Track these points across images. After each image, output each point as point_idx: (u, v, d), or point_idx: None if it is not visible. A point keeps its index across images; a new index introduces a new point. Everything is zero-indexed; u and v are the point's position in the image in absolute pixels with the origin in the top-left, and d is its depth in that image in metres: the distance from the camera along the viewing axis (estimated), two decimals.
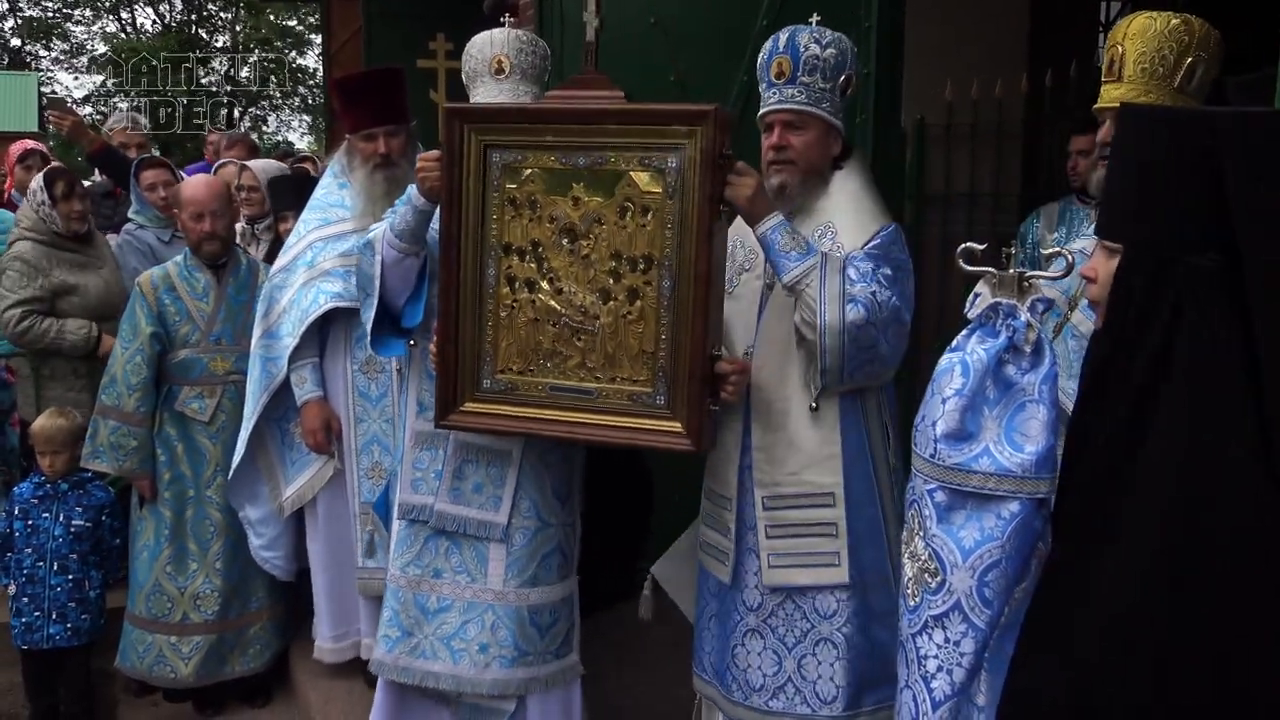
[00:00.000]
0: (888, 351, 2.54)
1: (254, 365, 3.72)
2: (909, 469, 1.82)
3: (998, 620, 1.62)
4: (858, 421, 2.66)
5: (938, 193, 4.49)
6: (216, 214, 3.93)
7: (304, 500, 3.80)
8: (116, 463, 3.91)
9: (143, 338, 3.88)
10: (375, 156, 3.52)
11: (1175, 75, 2.42)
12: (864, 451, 2.66)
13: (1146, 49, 2.43)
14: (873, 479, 2.68)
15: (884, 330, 2.50)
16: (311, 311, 3.57)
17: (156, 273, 4.00)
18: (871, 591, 2.63)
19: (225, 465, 3.92)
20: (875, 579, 2.64)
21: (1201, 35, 2.41)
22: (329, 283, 3.58)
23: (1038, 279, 1.68)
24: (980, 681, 1.64)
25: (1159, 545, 1.43)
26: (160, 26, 34.97)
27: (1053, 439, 1.60)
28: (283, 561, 3.97)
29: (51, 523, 3.95)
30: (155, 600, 3.97)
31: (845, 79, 2.68)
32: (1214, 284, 1.43)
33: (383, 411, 3.67)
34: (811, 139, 2.65)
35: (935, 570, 1.65)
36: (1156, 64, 2.42)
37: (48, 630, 3.92)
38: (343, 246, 3.59)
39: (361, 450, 3.70)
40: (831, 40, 2.66)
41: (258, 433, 3.77)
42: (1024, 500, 1.60)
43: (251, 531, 3.93)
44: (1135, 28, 2.44)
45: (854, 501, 2.63)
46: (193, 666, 3.97)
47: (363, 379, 3.68)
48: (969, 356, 1.66)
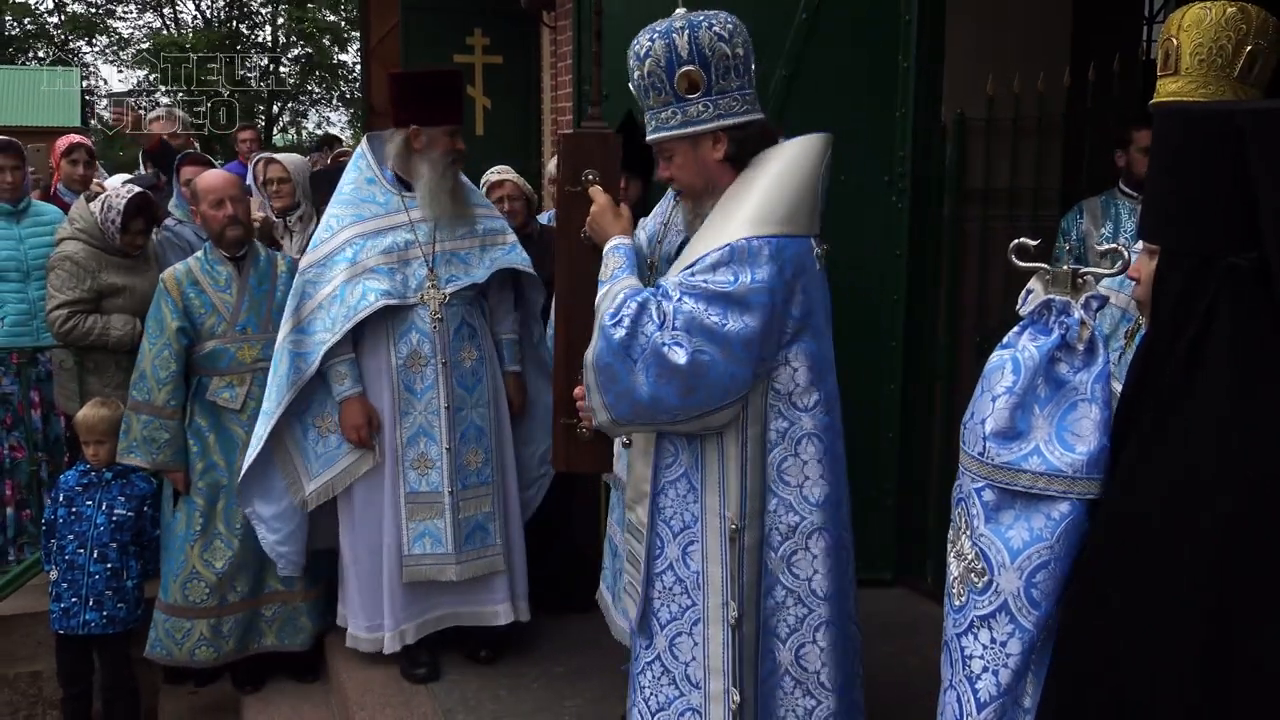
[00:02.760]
0: (648, 394, 2.28)
1: (281, 360, 3.73)
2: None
3: (1046, 622, 1.59)
4: (685, 471, 2.45)
5: (977, 188, 4.44)
6: (235, 199, 4.00)
7: (333, 493, 3.83)
8: (150, 457, 3.97)
9: (169, 332, 3.93)
10: (454, 151, 3.64)
11: (1234, 65, 2.38)
12: (683, 504, 2.45)
13: (1203, 40, 2.39)
14: (674, 536, 2.47)
15: (637, 368, 2.28)
16: (360, 309, 3.60)
17: (179, 268, 4.06)
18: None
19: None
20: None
21: (1260, 23, 2.37)
22: (375, 280, 3.63)
23: (1091, 275, 1.66)
24: (1027, 684, 1.62)
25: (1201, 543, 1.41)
26: (201, 22, 35.29)
27: (1106, 439, 1.57)
28: (296, 556, 4.00)
29: (94, 511, 4.02)
30: (192, 588, 4.03)
31: (682, 76, 2.35)
32: (1251, 283, 1.41)
33: (428, 404, 3.71)
34: (680, 163, 2.48)
35: (982, 570, 1.62)
36: (1214, 55, 2.38)
37: (84, 616, 3.99)
38: (384, 243, 3.66)
39: (408, 443, 3.73)
40: (648, 48, 2.38)
41: (273, 428, 3.75)
42: (1075, 501, 1.57)
43: (264, 527, 3.93)
44: (1190, 19, 2.40)
45: (652, 554, 2.51)
46: (233, 642, 4.08)
47: (407, 373, 3.71)
48: (1020, 354, 1.63)
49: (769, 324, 2.30)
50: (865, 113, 4.27)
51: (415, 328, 3.70)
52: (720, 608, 2.42)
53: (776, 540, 2.42)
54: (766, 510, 2.42)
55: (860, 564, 4.41)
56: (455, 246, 3.74)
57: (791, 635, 2.44)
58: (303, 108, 36.49)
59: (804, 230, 2.37)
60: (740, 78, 2.40)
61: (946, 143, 4.40)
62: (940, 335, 4.47)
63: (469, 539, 3.76)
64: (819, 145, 2.42)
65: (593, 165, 2.63)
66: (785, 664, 2.44)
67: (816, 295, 2.42)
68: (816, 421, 2.41)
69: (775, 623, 2.44)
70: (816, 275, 2.41)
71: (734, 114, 2.40)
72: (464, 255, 3.74)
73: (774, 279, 2.28)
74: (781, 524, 2.41)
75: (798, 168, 2.38)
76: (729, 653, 2.42)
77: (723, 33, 2.35)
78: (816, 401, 2.41)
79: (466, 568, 3.75)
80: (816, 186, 2.39)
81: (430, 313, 3.69)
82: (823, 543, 2.43)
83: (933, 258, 4.43)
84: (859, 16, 4.23)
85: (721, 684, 2.43)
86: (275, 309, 3.99)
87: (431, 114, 3.63)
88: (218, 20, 35.26)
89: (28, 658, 4.66)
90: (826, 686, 2.44)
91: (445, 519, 3.71)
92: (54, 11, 35.07)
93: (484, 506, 3.80)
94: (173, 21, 35.83)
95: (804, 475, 2.42)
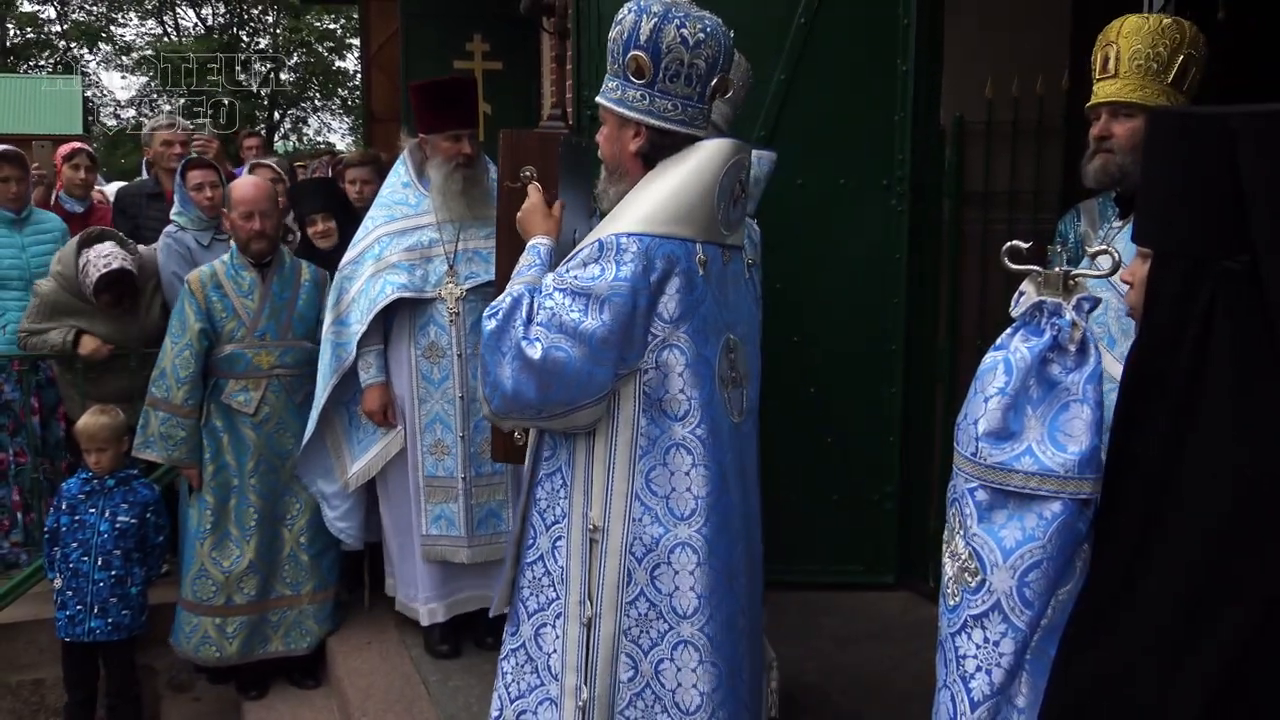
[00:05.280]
0: (511, 387, 2.29)
1: (324, 350, 3.98)
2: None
3: (1038, 621, 1.60)
4: (560, 467, 2.45)
5: (977, 191, 4.44)
6: (265, 214, 4.09)
7: (369, 475, 4.06)
8: (166, 452, 4.06)
9: (191, 333, 4.00)
10: (459, 156, 3.81)
11: (1169, 71, 2.58)
12: (555, 498, 2.46)
13: (1141, 46, 2.59)
14: (546, 528, 2.47)
15: (505, 361, 2.29)
16: (379, 301, 3.82)
17: (205, 271, 4.12)
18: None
19: (267, 456, 4.15)
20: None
21: (1192, 35, 2.59)
22: (395, 275, 3.84)
23: (1083, 277, 1.66)
24: (1021, 683, 1.62)
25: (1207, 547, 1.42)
26: (202, 29, 35.37)
27: (1097, 439, 1.58)
28: (356, 531, 4.22)
29: (97, 518, 4.04)
30: (200, 584, 4.11)
31: (632, 58, 2.33)
32: (1245, 285, 1.42)
33: (444, 393, 3.90)
34: (605, 134, 2.47)
35: (975, 570, 1.63)
36: (1150, 61, 2.58)
37: (89, 624, 4.02)
38: (408, 241, 3.89)
39: (425, 429, 3.94)
40: (622, 17, 2.36)
41: (325, 414, 4.04)
42: (1067, 501, 1.57)
43: (326, 504, 4.17)
44: (1129, 27, 2.62)
45: (524, 543, 2.54)
46: (236, 645, 4.13)
47: (425, 363, 3.90)
48: (1012, 355, 1.64)
49: (628, 323, 2.26)
50: (864, 116, 4.28)
51: (434, 321, 3.89)
52: (578, 604, 2.42)
53: (640, 551, 2.36)
54: (632, 518, 2.36)
55: (862, 567, 4.50)
56: (478, 245, 3.89)
57: (653, 649, 2.38)
58: (304, 114, 36.55)
59: (691, 234, 2.32)
60: (689, 87, 2.35)
61: (945, 146, 4.40)
62: (940, 338, 4.48)
63: (481, 524, 3.93)
64: (723, 151, 2.36)
65: (531, 163, 2.71)
66: (647, 676, 2.40)
67: (704, 302, 2.34)
68: (689, 432, 2.33)
69: (639, 633, 2.38)
70: (701, 281, 2.33)
71: (664, 117, 2.36)
72: (485, 254, 3.84)
73: (637, 278, 2.25)
74: (646, 534, 2.35)
75: (693, 172, 2.33)
76: (581, 650, 2.42)
77: (689, 37, 2.29)
78: (689, 410, 2.33)
79: (478, 551, 3.94)
80: (713, 192, 2.33)
81: (448, 307, 3.86)
82: (688, 559, 2.34)
83: (932, 260, 4.44)
84: (857, 20, 4.24)
85: (575, 679, 2.43)
86: (296, 317, 4.17)
87: (433, 122, 3.84)
88: (218, 28, 35.35)
89: (30, 665, 4.66)
90: (681, 708, 2.37)
91: (459, 503, 3.90)
92: (57, 19, 35.18)
93: (497, 495, 3.95)
94: (173, 28, 35.93)
95: (671, 486, 2.34)
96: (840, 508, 4.47)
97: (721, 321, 2.41)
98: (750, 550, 2.53)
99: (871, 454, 4.44)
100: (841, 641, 4.04)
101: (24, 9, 34.77)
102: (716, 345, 2.38)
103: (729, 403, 2.42)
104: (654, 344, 2.31)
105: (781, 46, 4.23)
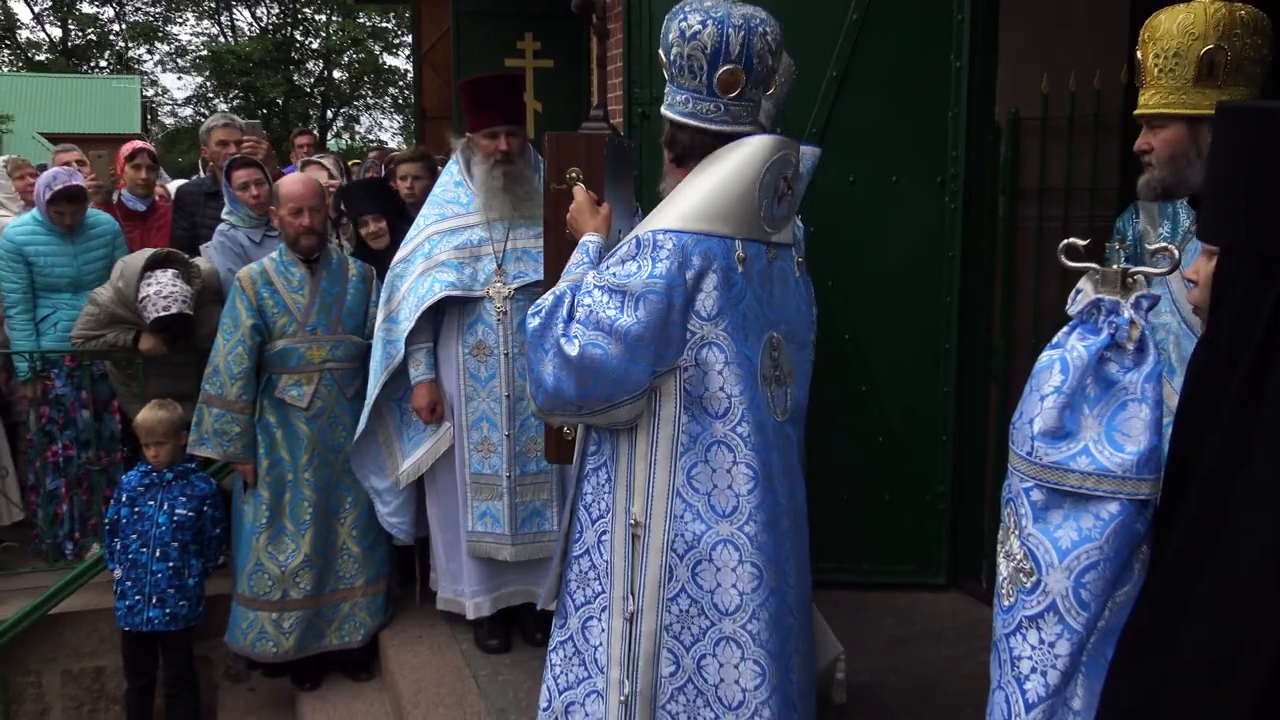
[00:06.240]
0: (552, 384, 2.32)
1: (376, 347, 4.03)
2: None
3: (1095, 623, 1.58)
4: (605, 461, 2.47)
5: (1032, 187, 4.39)
6: (314, 210, 4.13)
7: (420, 472, 4.10)
8: (221, 448, 4.11)
9: (243, 329, 4.05)
10: (496, 153, 3.82)
11: (1194, 70, 2.38)
12: (601, 492, 2.48)
13: (1164, 49, 2.40)
14: (592, 522, 2.50)
15: (547, 358, 2.32)
16: (426, 299, 3.85)
17: (254, 268, 4.17)
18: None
19: (320, 450, 4.20)
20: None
21: (1217, 23, 2.35)
22: (443, 273, 3.86)
23: (1141, 274, 1.64)
24: (1077, 685, 1.60)
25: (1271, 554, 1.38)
26: (257, 30, 35.86)
27: (1156, 439, 1.56)
28: (407, 526, 4.28)
29: (156, 510, 4.11)
30: (257, 579, 4.16)
31: (673, 57, 2.35)
32: None
33: (491, 391, 3.92)
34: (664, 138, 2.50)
35: (1030, 570, 1.61)
36: (1171, 63, 2.39)
37: (147, 614, 4.09)
38: (458, 240, 3.90)
39: (471, 426, 3.96)
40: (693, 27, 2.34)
41: (378, 411, 4.10)
42: (1124, 501, 1.55)
43: (378, 500, 4.22)
44: (1154, 28, 2.44)
45: (571, 537, 2.57)
46: (293, 640, 4.19)
47: (473, 362, 3.92)
48: (1069, 354, 1.62)
49: (663, 320, 2.25)
50: (917, 113, 4.24)
51: (482, 319, 3.91)
52: (622, 599, 2.43)
53: (681, 547, 2.36)
54: (673, 514, 2.36)
55: (913, 567, 4.47)
56: (527, 245, 3.90)
57: (695, 644, 2.39)
58: (355, 113, 36.93)
59: (730, 231, 2.30)
60: (694, 79, 2.34)
61: (1000, 142, 4.35)
62: (995, 337, 4.43)
63: (525, 523, 3.95)
64: (765, 148, 2.34)
65: (577, 164, 2.75)
66: (690, 671, 2.41)
67: (743, 299, 2.33)
68: (730, 429, 2.32)
69: (680, 628, 2.39)
70: (741, 278, 2.32)
71: (679, 111, 2.39)
72: (534, 253, 3.85)
73: (672, 275, 2.24)
74: (687, 531, 2.35)
75: (733, 168, 2.32)
76: (624, 644, 2.43)
77: (686, 29, 2.30)
78: (729, 408, 2.32)
79: (521, 550, 3.96)
80: (754, 188, 2.32)
81: (496, 306, 3.87)
82: (729, 556, 2.34)
83: (986, 258, 4.39)
84: (911, 15, 4.20)
85: (618, 673, 2.44)
86: (345, 312, 4.22)
87: (475, 120, 3.87)
88: (272, 27, 35.81)
89: (91, 653, 4.77)
90: (724, 703, 2.37)
91: (503, 501, 3.92)
92: (115, 19, 35.85)
93: (541, 494, 3.96)
94: (229, 29, 36.47)
95: (713, 483, 2.35)
96: (892, 507, 4.44)
97: (764, 319, 2.40)
98: (798, 549, 2.52)
99: (924, 453, 4.41)
100: (893, 642, 4.01)
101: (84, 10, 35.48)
102: (758, 343, 2.38)
103: (771, 401, 2.41)
104: (693, 341, 2.31)
105: (834, 42, 4.20)
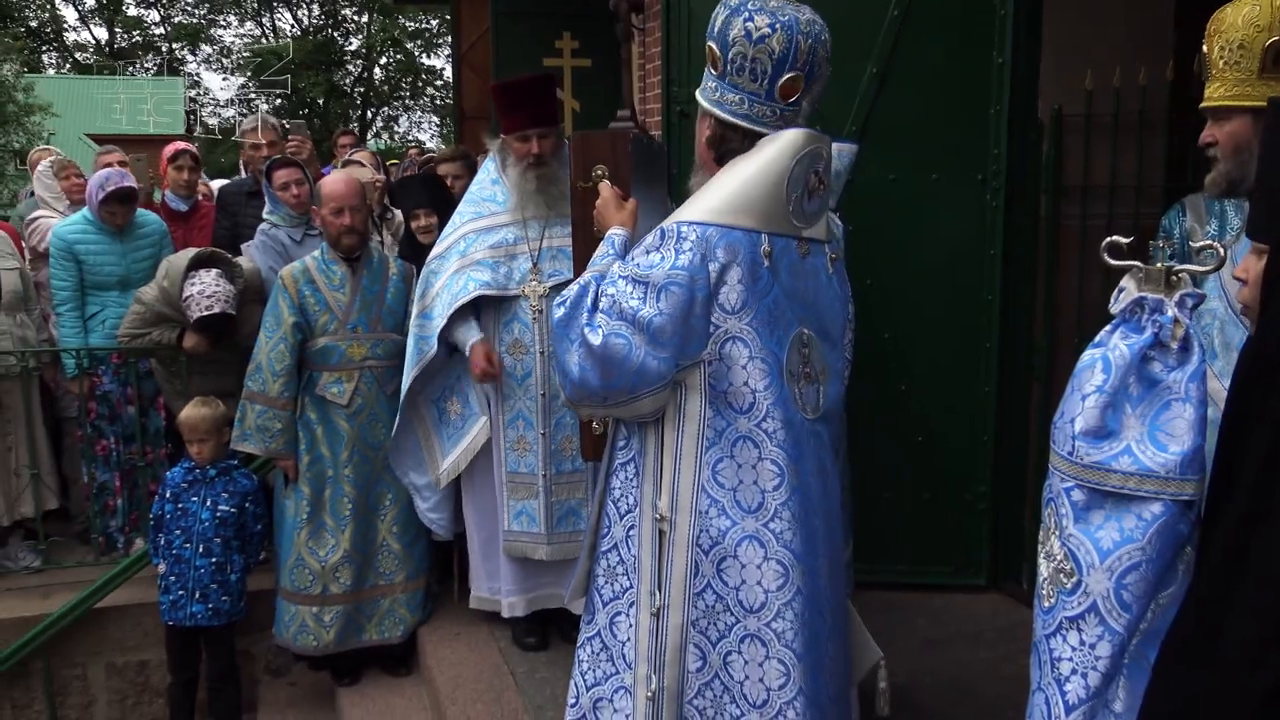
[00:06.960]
0: (577, 375, 2.31)
1: (410, 342, 4.05)
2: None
3: (1137, 625, 1.55)
4: (633, 456, 2.46)
5: (1076, 185, 4.34)
6: (355, 209, 4.18)
7: (459, 470, 4.10)
8: (263, 444, 4.17)
9: (285, 327, 4.10)
10: (529, 156, 3.84)
11: (1260, 62, 2.35)
12: (629, 487, 2.47)
13: (1229, 41, 2.38)
14: (620, 517, 2.48)
15: (572, 349, 2.32)
16: (460, 296, 3.86)
17: (296, 266, 4.22)
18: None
19: (361, 446, 4.24)
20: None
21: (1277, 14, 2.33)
22: (479, 271, 3.88)
23: (1186, 273, 1.61)
24: (1118, 687, 1.58)
25: None
26: (298, 31, 36.21)
27: (1200, 439, 1.53)
28: (446, 522, 4.30)
29: (199, 506, 4.17)
30: (298, 574, 4.22)
31: (707, 49, 2.36)
32: None
33: (527, 390, 3.93)
34: (696, 129, 2.50)
35: (1071, 571, 1.59)
36: (1236, 55, 2.37)
37: (190, 608, 4.14)
38: (493, 239, 3.92)
39: (508, 425, 3.97)
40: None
41: (417, 410, 4.14)
42: (1167, 502, 1.53)
43: (418, 496, 4.25)
44: (1214, 22, 2.41)
45: (599, 532, 2.55)
46: (333, 634, 4.23)
47: (509, 359, 3.94)
48: (1111, 353, 1.60)
49: (685, 313, 2.24)
50: (958, 110, 4.21)
51: (518, 318, 3.92)
52: (649, 594, 2.42)
53: (707, 543, 2.34)
54: (698, 510, 2.34)
55: (952, 568, 4.43)
56: (562, 243, 3.89)
57: (721, 640, 2.37)
58: (395, 113, 37.20)
59: (756, 225, 2.28)
60: (754, 82, 2.32)
61: (1043, 139, 4.31)
62: (1037, 336, 4.38)
63: (560, 522, 3.95)
64: (795, 142, 2.32)
65: (603, 161, 2.77)
66: (716, 667, 2.39)
67: (769, 294, 2.31)
68: (755, 425, 2.30)
69: (706, 624, 2.38)
70: (767, 272, 2.30)
71: (729, 110, 2.37)
72: (569, 252, 3.83)
73: (695, 267, 2.23)
74: (712, 526, 2.33)
75: (762, 163, 2.31)
76: (651, 639, 2.42)
77: (753, 30, 2.28)
78: (754, 403, 2.30)
79: (557, 549, 3.96)
80: (783, 183, 2.30)
81: (531, 305, 3.88)
82: (754, 553, 2.32)
83: (1029, 256, 4.34)
84: (952, 11, 4.16)
85: (645, 669, 2.43)
86: (385, 310, 4.26)
87: (508, 123, 3.89)
88: (313, 29, 36.14)
89: (135, 647, 4.83)
90: (749, 700, 2.35)
91: (539, 500, 3.92)
92: (161, 23, 36.33)
93: (577, 493, 3.95)
94: (271, 30, 36.84)
95: (739, 479, 2.33)
96: (932, 507, 4.40)
97: (792, 315, 2.37)
98: (832, 550, 2.49)
99: (964, 453, 4.37)
100: (931, 643, 3.98)
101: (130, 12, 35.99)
102: (785, 339, 2.35)
103: (800, 398, 2.38)
104: (716, 335, 2.30)
105: (874, 39, 4.17)
